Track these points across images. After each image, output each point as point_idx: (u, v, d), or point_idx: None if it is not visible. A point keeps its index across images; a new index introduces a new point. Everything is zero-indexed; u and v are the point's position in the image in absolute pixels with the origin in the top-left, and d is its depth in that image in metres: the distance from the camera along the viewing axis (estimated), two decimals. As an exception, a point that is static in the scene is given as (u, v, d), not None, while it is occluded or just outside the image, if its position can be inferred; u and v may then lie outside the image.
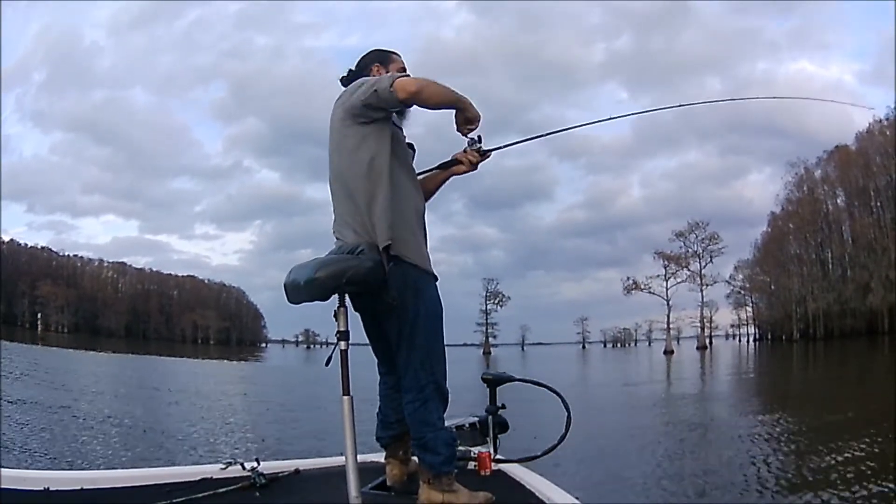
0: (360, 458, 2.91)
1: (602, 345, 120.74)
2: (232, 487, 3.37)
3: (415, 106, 3.26)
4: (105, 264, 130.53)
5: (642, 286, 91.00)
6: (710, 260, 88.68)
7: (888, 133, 68.74)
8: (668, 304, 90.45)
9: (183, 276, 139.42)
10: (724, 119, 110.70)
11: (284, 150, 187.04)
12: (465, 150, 3.53)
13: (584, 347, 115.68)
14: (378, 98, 3.09)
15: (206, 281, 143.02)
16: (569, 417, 3.94)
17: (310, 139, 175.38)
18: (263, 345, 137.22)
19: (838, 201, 78.16)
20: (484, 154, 3.56)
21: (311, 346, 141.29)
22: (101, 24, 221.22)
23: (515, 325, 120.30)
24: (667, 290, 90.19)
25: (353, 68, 3.53)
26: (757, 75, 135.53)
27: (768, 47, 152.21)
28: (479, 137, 3.46)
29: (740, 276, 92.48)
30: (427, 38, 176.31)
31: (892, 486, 8.59)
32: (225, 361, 61.62)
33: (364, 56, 3.54)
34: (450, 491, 3.17)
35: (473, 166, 3.58)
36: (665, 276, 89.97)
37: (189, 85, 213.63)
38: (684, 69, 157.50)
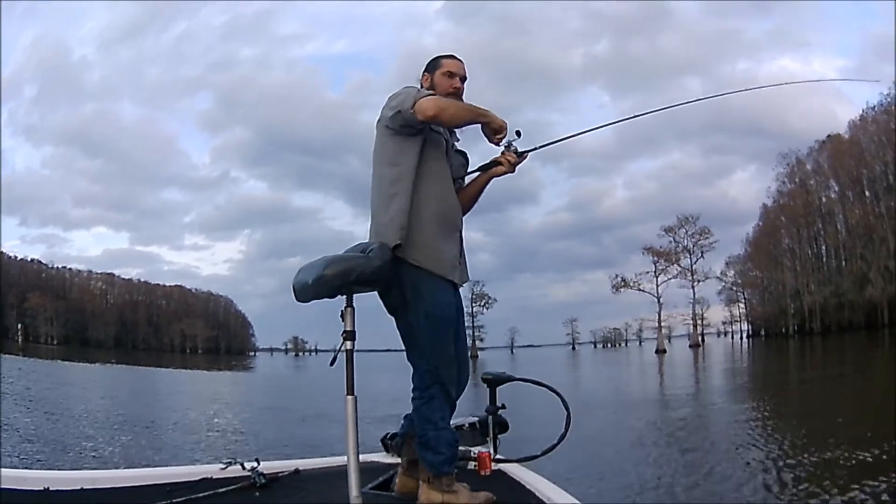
0: (360, 457, 2.92)
1: (592, 345, 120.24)
2: (232, 487, 3.38)
3: None
4: (94, 275, 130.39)
5: (631, 283, 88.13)
6: (702, 255, 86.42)
7: (883, 119, 67.31)
8: (658, 301, 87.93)
9: (171, 286, 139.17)
10: (706, 119, 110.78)
11: (271, 159, 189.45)
12: (502, 153, 3.59)
13: (573, 349, 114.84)
14: (402, 118, 3.21)
15: (193, 290, 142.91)
16: (568, 417, 3.97)
17: (296, 148, 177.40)
18: (252, 353, 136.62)
19: (831, 193, 76.72)
20: (521, 155, 3.61)
21: (300, 353, 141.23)
22: (90, 38, 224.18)
23: (504, 328, 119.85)
24: (657, 286, 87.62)
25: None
26: (738, 75, 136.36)
27: (749, 47, 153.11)
28: (518, 133, 3.54)
29: (731, 272, 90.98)
30: (410, 44, 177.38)
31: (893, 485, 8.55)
32: (217, 372, 60.98)
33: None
34: (450, 491, 3.17)
35: (512, 167, 3.62)
36: (655, 272, 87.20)
37: (176, 97, 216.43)
38: (665, 72, 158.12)
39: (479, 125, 3.44)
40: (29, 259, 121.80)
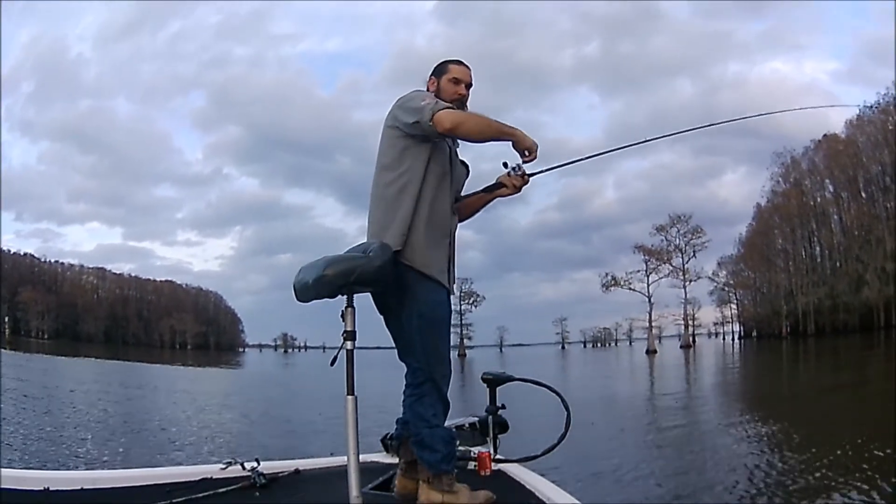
0: (360, 457, 2.92)
1: (582, 345, 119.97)
2: (232, 487, 3.38)
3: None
4: (85, 270, 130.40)
5: (622, 282, 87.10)
6: (694, 254, 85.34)
7: (880, 119, 67.30)
8: (649, 300, 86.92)
9: (161, 281, 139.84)
10: (696, 120, 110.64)
11: (263, 156, 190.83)
12: (508, 174, 3.55)
13: (563, 348, 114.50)
14: (420, 128, 3.22)
15: (183, 285, 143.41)
16: (568, 417, 3.97)
17: (287, 146, 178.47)
18: (241, 349, 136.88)
19: (826, 193, 76.56)
20: (525, 178, 3.57)
21: (289, 350, 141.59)
22: (86, 36, 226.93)
23: (492, 326, 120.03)
24: (648, 286, 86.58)
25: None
26: (729, 77, 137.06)
27: (740, 49, 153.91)
28: (519, 164, 3.48)
29: (723, 273, 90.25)
30: (402, 44, 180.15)
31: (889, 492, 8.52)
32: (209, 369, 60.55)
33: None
34: (450, 491, 3.16)
35: (517, 189, 3.59)
36: (646, 271, 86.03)
37: (170, 94, 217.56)
38: (655, 72, 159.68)
39: (511, 143, 3.39)
40: (22, 253, 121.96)
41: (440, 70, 3.55)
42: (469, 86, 3.54)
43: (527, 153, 3.42)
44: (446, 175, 3.42)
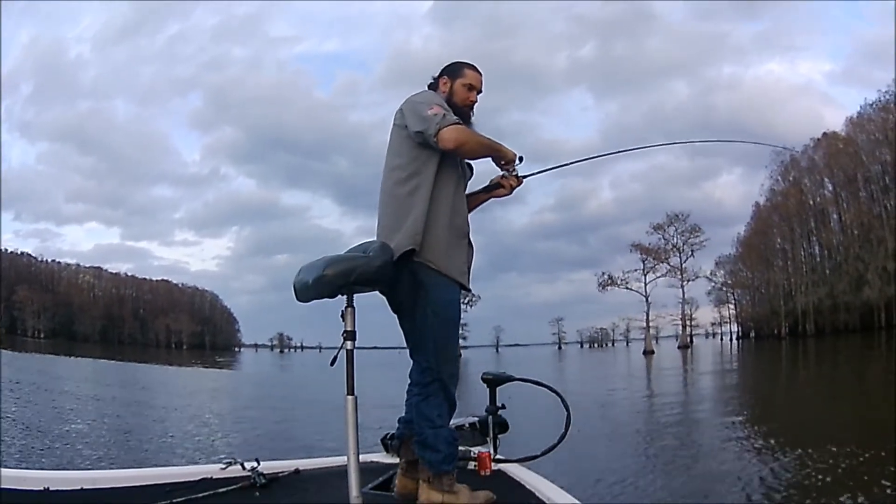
0: (360, 457, 2.91)
1: (579, 345, 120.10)
2: (232, 487, 3.37)
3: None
4: (81, 269, 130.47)
5: (619, 281, 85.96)
6: (692, 254, 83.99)
7: (880, 117, 67.00)
8: (646, 300, 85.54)
9: (157, 281, 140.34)
10: (691, 121, 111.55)
11: (260, 157, 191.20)
12: (503, 176, 3.64)
13: (560, 348, 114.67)
14: (422, 138, 3.22)
15: (179, 285, 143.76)
16: (568, 417, 3.97)
17: (285, 147, 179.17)
18: (237, 349, 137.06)
19: (825, 192, 76.02)
20: (519, 179, 3.67)
21: (284, 349, 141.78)
22: (86, 37, 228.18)
23: (488, 327, 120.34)
24: (645, 285, 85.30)
25: (435, 76, 3.61)
26: (724, 78, 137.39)
27: (735, 50, 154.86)
28: (521, 158, 3.59)
29: (721, 272, 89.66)
30: (398, 45, 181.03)
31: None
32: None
33: (444, 67, 3.59)
34: (450, 492, 3.16)
35: (511, 190, 3.69)
36: (643, 270, 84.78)
37: (168, 96, 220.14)
38: (650, 74, 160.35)
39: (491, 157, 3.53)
40: (19, 252, 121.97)
41: (455, 72, 3.53)
42: (480, 92, 3.55)
43: (503, 163, 3.57)
44: (460, 178, 3.45)
